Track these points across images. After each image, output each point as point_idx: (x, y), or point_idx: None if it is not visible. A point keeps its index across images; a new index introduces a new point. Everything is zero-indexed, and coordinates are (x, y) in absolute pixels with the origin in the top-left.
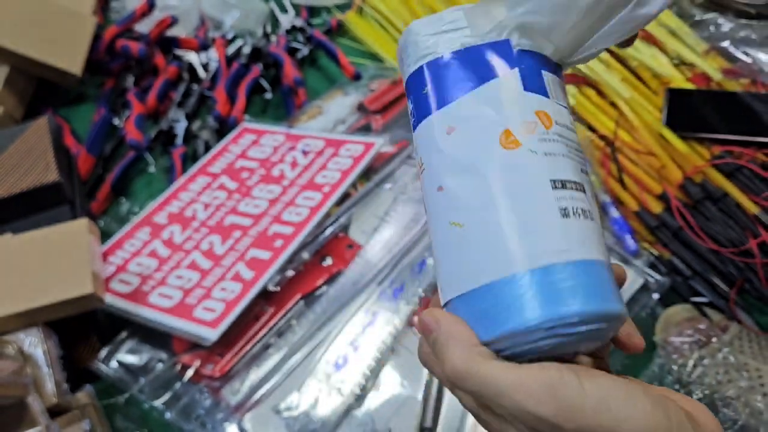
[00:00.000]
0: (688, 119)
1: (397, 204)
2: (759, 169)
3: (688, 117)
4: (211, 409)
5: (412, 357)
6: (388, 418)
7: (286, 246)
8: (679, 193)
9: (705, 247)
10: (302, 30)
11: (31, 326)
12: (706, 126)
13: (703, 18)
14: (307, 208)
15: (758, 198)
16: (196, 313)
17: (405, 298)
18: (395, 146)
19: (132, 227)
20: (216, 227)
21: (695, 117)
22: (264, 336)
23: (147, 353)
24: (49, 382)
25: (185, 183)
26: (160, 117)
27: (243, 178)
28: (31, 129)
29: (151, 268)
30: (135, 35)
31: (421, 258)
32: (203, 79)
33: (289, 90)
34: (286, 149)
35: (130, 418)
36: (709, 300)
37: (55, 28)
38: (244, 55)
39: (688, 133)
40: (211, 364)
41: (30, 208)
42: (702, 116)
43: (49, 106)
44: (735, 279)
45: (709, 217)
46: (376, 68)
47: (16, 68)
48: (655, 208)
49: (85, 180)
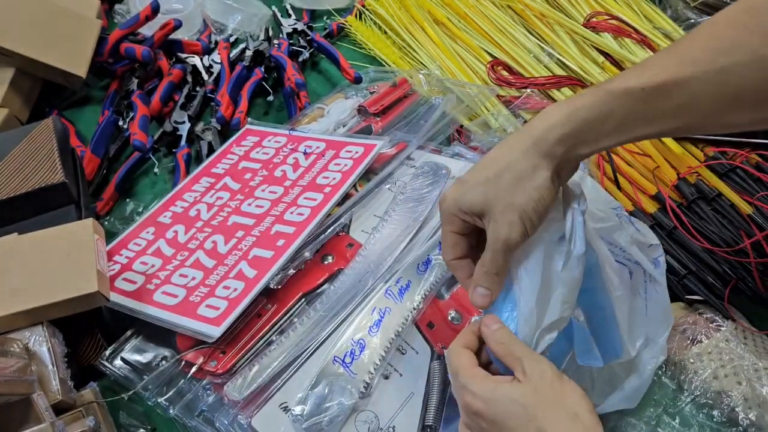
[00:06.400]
0: None
1: (397, 204)
2: (753, 170)
3: None
4: (214, 406)
5: (417, 355)
6: (391, 416)
7: (288, 245)
8: (674, 193)
9: (699, 247)
10: (304, 33)
11: (36, 324)
12: None
13: (697, 21)
14: (308, 209)
15: (752, 198)
16: (200, 311)
17: (410, 297)
18: (395, 148)
19: (136, 227)
20: (219, 227)
21: None
22: (266, 333)
23: (151, 351)
24: (53, 380)
25: (189, 184)
26: (164, 119)
27: (246, 179)
28: (36, 130)
29: (156, 267)
30: (139, 38)
31: (426, 257)
32: (206, 81)
33: (291, 93)
34: (288, 151)
35: (134, 415)
36: (704, 298)
37: (61, 30)
38: (246, 58)
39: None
40: (215, 361)
41: (36, 208)
42: None
43: (55, 107)
44: (729, 278)
45: (703, 217)
46: (377, 71)
47: (22, 70)
48: (650, 208)
49: (90, 180)
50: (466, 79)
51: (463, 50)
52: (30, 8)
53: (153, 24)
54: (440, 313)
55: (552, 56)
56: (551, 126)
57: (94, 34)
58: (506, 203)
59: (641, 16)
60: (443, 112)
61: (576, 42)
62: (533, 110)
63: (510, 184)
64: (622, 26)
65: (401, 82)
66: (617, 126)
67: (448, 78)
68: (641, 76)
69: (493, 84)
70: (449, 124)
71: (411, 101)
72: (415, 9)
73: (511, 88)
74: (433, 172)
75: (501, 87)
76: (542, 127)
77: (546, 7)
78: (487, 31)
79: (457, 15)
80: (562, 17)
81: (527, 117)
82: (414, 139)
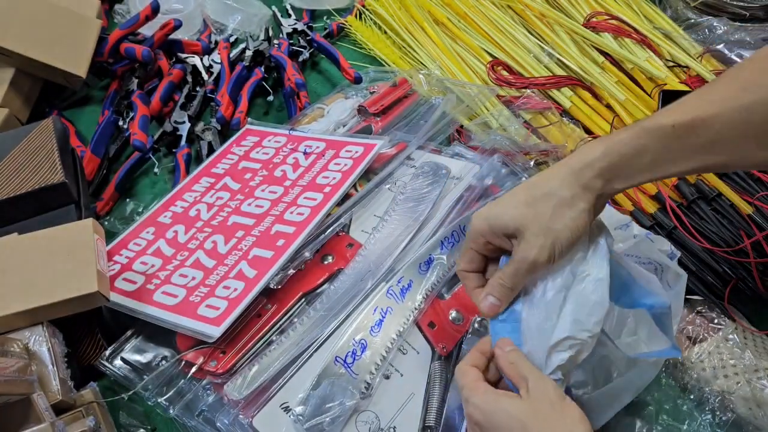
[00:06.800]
0: None
1: (397, 204)
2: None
3: None
4: (214, 406)
5: (418, 355)
6: (392, 416)
7: (288, 245)
8: (674, 193)
9: (699, 247)
10: (304, 33)
11: (36, 324)
12: None
13: (697, 21)
14: (308, 208)
15: (752, 198)
16: (200, 311)
17: (412, 297)
18: (395, 148)
19: (136, 227)
20: (219, 227)
21: None
22: (266, 333)
23: (151, 351)
24: (53, 380)
25: (189, 184)
26: (164, 119)
27: (246, 178)
28: (36, 130)
29: (156, 267)
30: (139, 38)
31: (428, 256)
32: (206, 81)
33: (291, 93)
34: (288, 151)
35: (134, 415)
36: (704, 298)
37: (61, 30)
38: (246, 58)
39: None
40: (215, 361)
41: (36, 208)
42: None
43: (55, 107)
44: (729, 278)
45: (703, 217)
46: (377, 71)
47: (22, 70)
48: (650, 208)
49: (90, 180)
50: (466, 79)
51: (463, 50)
52: (30, 8)
53: (153, 24)
54: (441, 313)
55: (552, 56)
56: (591, 160)
57: (94, 34)
58: (542, 227)
59: (641, 16)
60: (443, 112)
61: (576, 42)
62: (533, 110)
63: (549, 208)
64: (622, 26)
65: (401, 82)
66: (651, 162)
67: (448, 78)
68: (673, 114)
69: (493, 84)
70: (449, 124)
71: (411, 101)
72: (415, 9)
73: (511, 88)
74: (433, 172)
75: (501, 87)
76: (582, 160)
77: (546, 7)
78: (487, 31)
79: (457, 15)
80: (562, 17)
81: (527, 117)
82: (414, 139)
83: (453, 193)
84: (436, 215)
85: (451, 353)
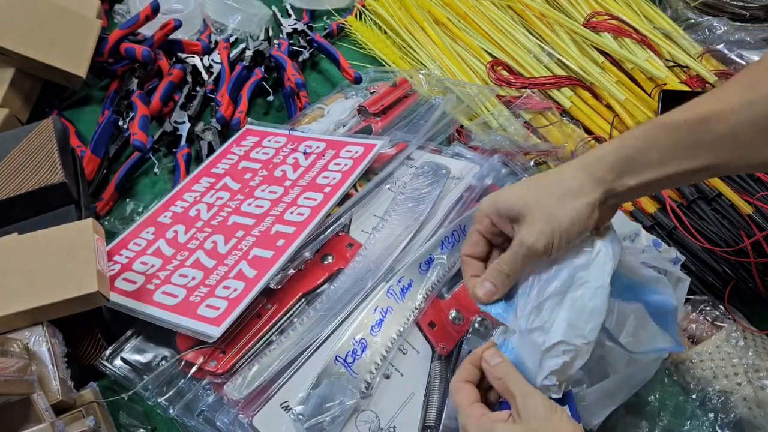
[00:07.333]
0: None
1: (397, 204)
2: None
3: None
4: (214, 406)
5: (418, 355)
6: (392, 416)
7: (288, 245)
8: (674, 193)
9: (699, 247)
10: (304, 33)
11: (36, 324)
12: None
13: (697, 21)
14: (308, 208)
15: (752, 198)
16: (200, 311)
17: (412, 296)
18: (395, 148)
19: (136, 227)
20: (219, 227)
21: None
22: (266, 333)
23: (151, 351)
24: (53, 380)
25: (189, 184)
26: (164, 119)
27: (246, 178)
28: (36, 130)
29: (156, 267)
30: (139, 38)
31: (428, 256)
32: (206, 81)
33: (291, 93)
34: (288, 151)
35: (134, 415)
36: (704, 298)
37: (61, 30)
38: (246, 58)
39: None
40: (214, 361)
41: (36, 208)
42: None
43: (55, 107)
44: (729, 278)
45: (703, 216)
46: (377, 71)
47: (22, 70)
48: (650, 208)
49: (90, 180)
50: (466, 79)
51: (463, 50)
52: (30, 8)
53: (153, 24)
54: (442, 312)
55: (552, 56)
56: (603, 154)
57: (94, 34)
58: (543, 212)
59: (641, 16)
60: (443, 112)
61: (576, 42)
62: (533, 110)
63: (553, 195)
64: (622, 26)
65: (401, 82)
66: (662, 156)
67: (448, 78)
68: (685, 110)
69: (493, 84)
70: (449, 124)
71: (411, 101)
72: (415, 9)
73: (511, 88)
74: (433, 172)
75: (501, 87)
76: (594, 154)
77: (546, 7)
78: (487, 31)
79: (457, 15)
80: (562, 17)
81: (527, 117)
82: (414, 139)
83: (453, 193)
84: (436, 215)
85: (452, 353)
